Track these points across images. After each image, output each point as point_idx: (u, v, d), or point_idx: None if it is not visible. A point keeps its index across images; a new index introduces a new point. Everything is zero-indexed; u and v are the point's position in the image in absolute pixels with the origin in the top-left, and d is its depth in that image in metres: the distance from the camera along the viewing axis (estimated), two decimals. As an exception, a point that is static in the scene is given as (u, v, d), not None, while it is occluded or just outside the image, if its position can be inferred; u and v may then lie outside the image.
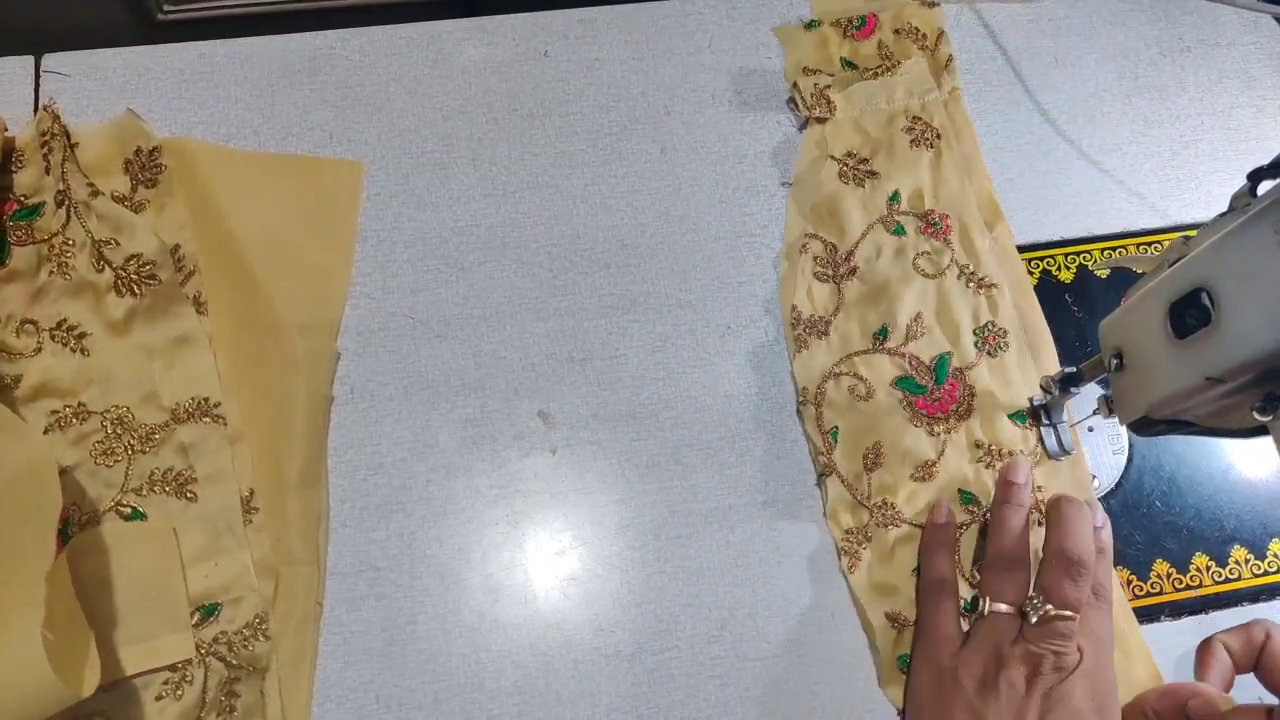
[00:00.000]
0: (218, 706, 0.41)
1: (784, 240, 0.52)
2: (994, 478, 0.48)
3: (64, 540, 0.42)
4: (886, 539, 0.47)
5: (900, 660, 0.45)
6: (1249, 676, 0.47)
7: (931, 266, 0.51)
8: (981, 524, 0.47)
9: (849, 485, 0.48)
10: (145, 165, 0.48)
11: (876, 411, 0.49)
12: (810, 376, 0.49)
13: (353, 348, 0.48)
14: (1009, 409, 0.49)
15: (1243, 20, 0.61)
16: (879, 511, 0.47)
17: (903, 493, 0.47)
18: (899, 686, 0.45)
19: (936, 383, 0.49)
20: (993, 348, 0.50)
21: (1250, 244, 0.34)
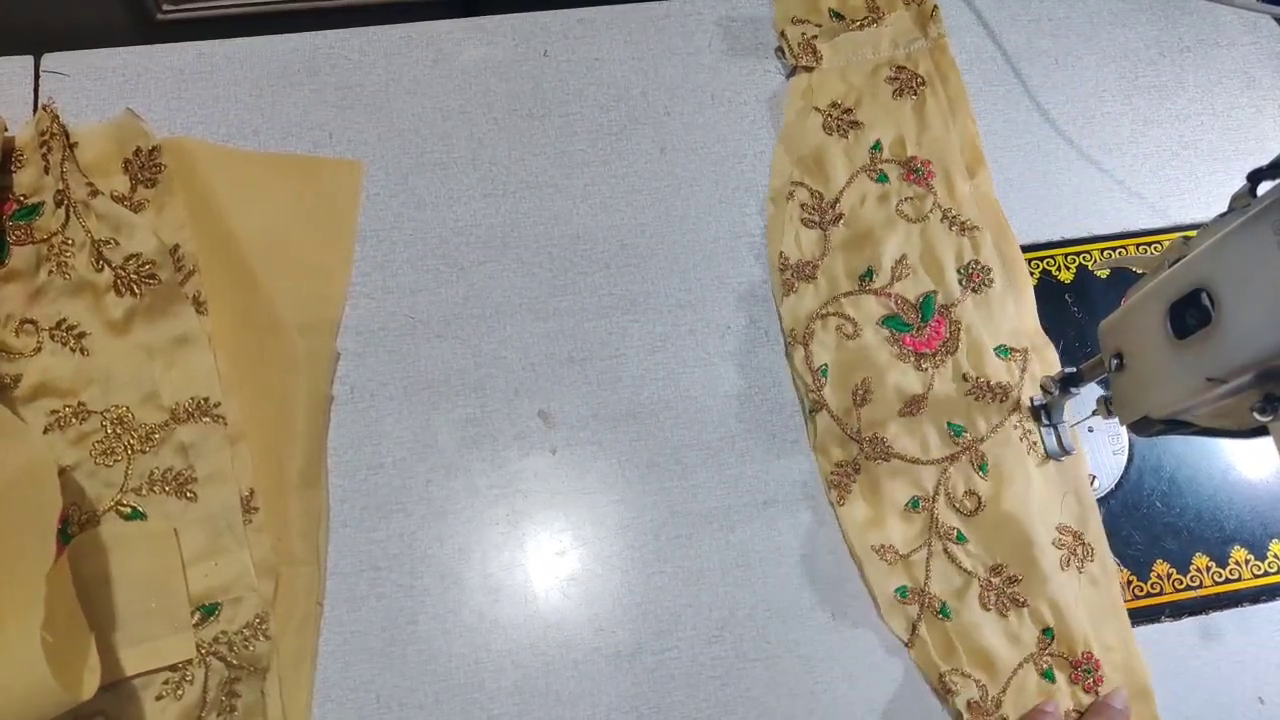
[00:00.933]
0: (218, 706, 0.41)
1: (770, 186, 0.53)
2: (982, 410, 0.49)
3: (64, 540, 0.42)
4: (876, 472, 0.47)
5: (900, 591, 0.46)
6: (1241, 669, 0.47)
7: (914, 211, 0.52)
8: (971, 458, 0.48)
9: (838, 420, 0.48)
10: (145, 165, 0.48)
11: (864, 349, 0.50)
12: (798, 318, 0.50)
13: (353, 348, 0.48)
14: (994, 343, 0.50)
15: (1242, 20, 0.61)
16: (869, 445, 0.48)
17: (892, 427, 0.48)
18: (901, 618, 0.46)
19: (923, 320, 0.50)
20: (977, 284, 0.51)
21: (1250, 244, 0.34)
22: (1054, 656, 0.46)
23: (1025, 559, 0.46)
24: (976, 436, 0.48)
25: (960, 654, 0.45)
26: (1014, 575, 0.46)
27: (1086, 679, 0.45)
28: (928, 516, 0.47)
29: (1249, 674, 0.47)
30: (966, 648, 0.45)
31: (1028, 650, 0.46)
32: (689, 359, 0.50)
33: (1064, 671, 0.46)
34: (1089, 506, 0.48)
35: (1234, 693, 0.47)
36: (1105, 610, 0.47)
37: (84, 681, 0.36)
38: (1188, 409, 0.39)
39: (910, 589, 0.46)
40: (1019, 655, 0.46)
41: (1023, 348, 0.50)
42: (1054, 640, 0.46)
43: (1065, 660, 0.46)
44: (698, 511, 0.47)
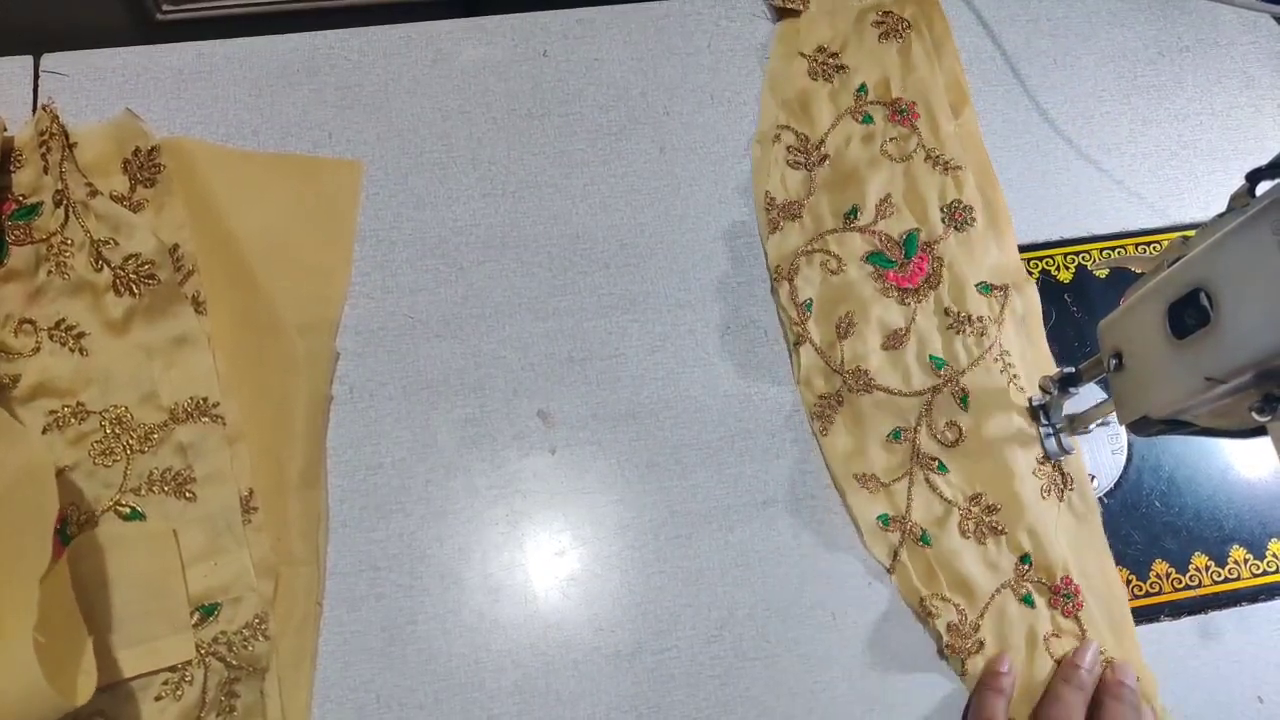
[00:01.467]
0: (218, 706, 0.41)
1: (757, 128, 0.54)
2: (963, 343, 0.50)
3: (63, 540, 0.42)
4: (858, 404, 0.48)
5: (881, 519, 0.47)
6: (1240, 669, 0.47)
7: (898, 151, 0.53)
8: (953, 390, 0.49)
9: (822, 352, 0.49)
10: (144, 165, 0.48)
11: (849, 284, 0.51)
12: (783, 254, 0.51)
13: (352, 348, 0.48)
14: (976, 279, 0.51)
15: (1242, 20, 0.61)
16: (851, 377, 0.49)
17: (874, 360, 0.49)
18: (883, 544, 0.47)
19: (906, 256, 0.51)
20: (959, 222, 0.52)
21: (1249, 244, 0.34)
22: (1033, 582, 0.47)
23: (1004, 488, 0.47)
24: (957, 369, 0.49)
25: (940, 580, 0.46)
26: (993, 504, 0.47)
27: (1066, 604, 0.46)
28: (909, 447, 0.48)
29: (1248, 674, 0.47)
30: (946, 574, 0.46)
31: (1005, 577, 0.47)
32: (689, 359, 0.50)
33: (1043, 596, 0.47)
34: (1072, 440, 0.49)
35: (1233, 692, 0.47)
36: (1085, 539, 0.48)
37: (79, 687, 0.36)
38: (1187, 409, 0.39)
39: (892, 517, 0.47)
40: (997, 581, 0.47)
41: (1003, 284, 0.51)
42: (1031, 567, 0.47)
43: (1045, 585, 0.47)
44: (697, 511, 0.47)
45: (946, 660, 0.46)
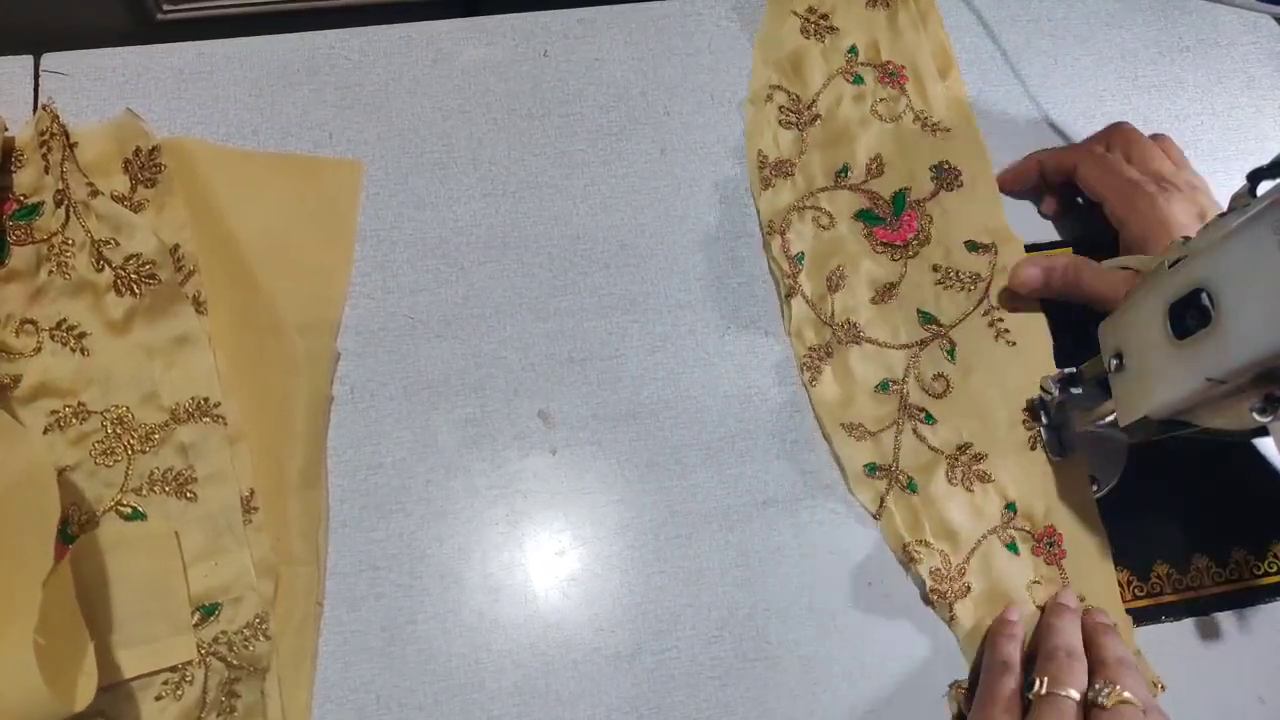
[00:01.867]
0: (218, 707, 0.41)
1: (749, 89, 0.55)
2: (951, 299, 0.51)
3: (64, 540, 0.42)
4: (848, 355, 0.50)
5: (868, 467, 0.48)
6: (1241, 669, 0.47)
7: (888, 112, 0.54)
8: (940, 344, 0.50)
9: (813, 305, 0.50)
10: (144, 165, 0.48)
11: (839, 239, 0.52)
12: (776, 210, 0.52)
13: (353, 348, 0.48)
14: (964, 237, 0.52)
15: (1242, 20, 0.61)
16: (841, 330, 0.50)
17: (864, 313, 0.50)
18: (870, 491, 0.48)
19: (895, 214, 0.52)
20: (947, 183, 0.53)
21: (1250, 244, 0.34)
22: (1017, 530, 0.48)
23: (991, 438, 0.49)
24: (946, 324, 0.50)
25: (925, 526, 0.47)
26: (980, 453, 0.48)
27: (1049, 552, 0.47)
28: (898, 398, 0.49)
29: (1248, 674, 0.47)
30: (931, 520, 0.47)
31: (991, 524, 0.48)
32: (689, 359, 0.50)
33: (1027, 544, 0.47)
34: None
35: (1233, 692, 0.47)
36: (1068, 488, 0.49)
37: (79, 691, 0.36)
38: (1187, 409, 0.39)
39: (879, 465, 0.48)
40: (982, 528, 0.47)
41: (991, 243, 0.52)
42: (1016, 514, 0.48)
43: (1029, 534, 0.48)
44: (697, 511, 0.47)
45: (932, 607, 0.46)
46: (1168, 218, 0.47)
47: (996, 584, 0.47)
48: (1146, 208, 0.48)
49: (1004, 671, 0.43)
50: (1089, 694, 0.40)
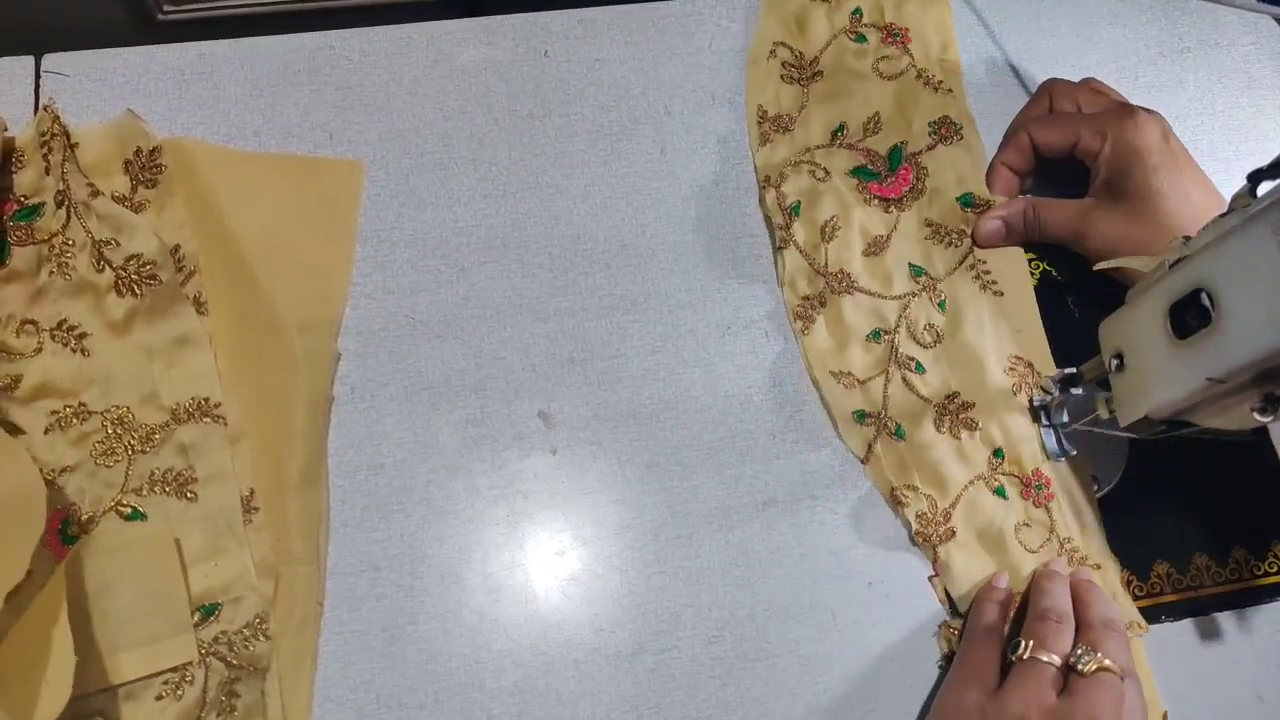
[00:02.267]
0: (218, 706, 0.41)
1: (751, 47, 0.55)
2: (941, 253, 0.52)
3: (64, 540, 0.42)
4: (840, 305, 0.50)
5: (857, 414, 0.48)
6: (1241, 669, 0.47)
7: (890, 69, 0.55)
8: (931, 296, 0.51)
9: (806, 254, 0.51)
10: (145, 165, 0.48)
11: (834, 191, 0.52)
12: (772, 165, 0.53)
13: (353, 348, 0.48)
14: (959, 192, 0.53)
15: (1242, 20, 0.61)
16: (834, 279, 0.50)
17: (856, 264, 0.51)
18: (858, 437, 0.49)
19: (890, 169, 0.53)
20: (945, 137, 0.54)
21: (1250, 244, 0.34)
22: (1005, 475, 0.48)
23: (979, 386, 0.49)
24: (936, 276, 0.51)
25: (912, 471, 0.48)
26: (968, 402, 0.49)
27: (1037, 495, 0.48)
28: (888, 347, 0.50)
29: (1249, 674, 0.47)
30: (919, 466, 0.48)
31: (978, 470, 0.48)
32: (689, 359, 0.50)
33: (1015, 488, 0.48)
34: (1040, 340, 0.51)
35: (1234, 693, 0.47)
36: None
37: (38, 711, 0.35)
38: (1188, 409, 0.39)
39: (868, 412, 0.49)
40: (969, 474, 0.48)
41: (985, 201, 0.53)
42: (1004, 460, 0.48)
43: (1016, 478, 0.48)
44: (698, 512, 0.47)
45: (918, 547, 0.47)
46: (1141, 138, 0.48)
47: (984, 528, 0.47)
48: (1118, 132, 0.49)
49: (986, 638, 0.43)
50: (1070, 658, 0.41)
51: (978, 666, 0.42)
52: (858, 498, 0.48)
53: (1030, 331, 0.51)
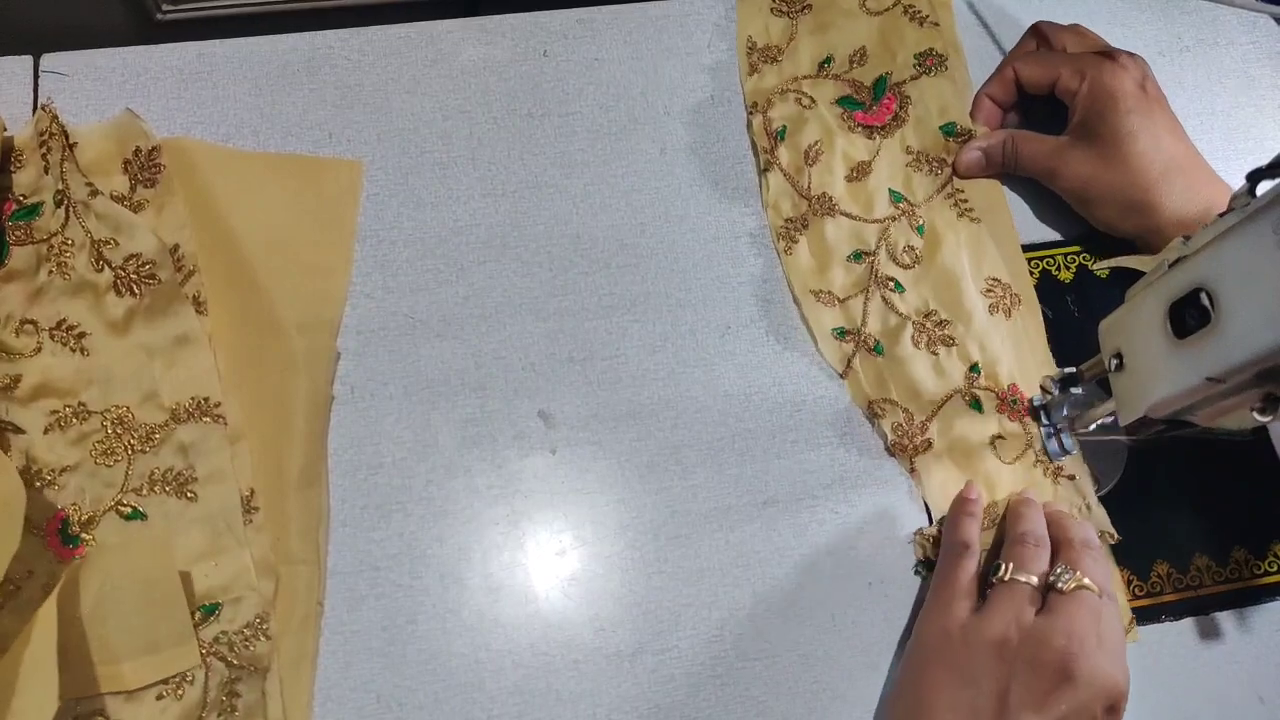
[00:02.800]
0: (219, 706, 0.41)
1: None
2: (921, 181, 0.53)
3: (64, 540, 0.42)
4: (822, 227, 0.52)
5: (837, 331, 0.50)
6: (1241, 669, 0.47)
7: (877, 4, 0.57)
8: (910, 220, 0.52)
9: (789, 177, 0.53)
10: (144, 165, 0.48)
11: (819, 117, 0.54)
12: (760, 92, 0.54)
13: (353, 347, 0.48)
14: (941, 121, 0.54)
15: (1242, 20, 0.61)
16: (817, 202, 0.52)
17: (839, 188, 0.52)
18: (837, 353, 0.50)
19: (874, 99, 0.55)
20: (930, 68, 0.55)
21: (1250, 244, 0.34)
22: (981, 389, 0.49)
23: (956, 305, 0.51)
24: (915, 202, 0.53)
25: (890, 385, 0.49)
26: (945, 319, 0.50)
27: (1012, 409, 0.49)
28: (868, 268, 0.51)
29: (1249, 674, 0.47)
30: (896, 380, 0.49)
31: (954, 384, 0.50)
32: (689, 359, 0.50)
33: (990, 402, 0.49)
34: (1019, 264, 0.53)
35: (1234, 693, 0.47)
36: (1030, 349, 0.51)
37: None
38: (1188, 409, 0.39)
39: (847, 329, 0.50)
40: (946, 388, 0.49)
41: (966, 130, 0.54)
42: (980, 375, 0.50)
43: (992, 393, 0.50)
44: (697, 511, 0.47)
45: (895, 458, 0.49)
46: (1117, 81, 0.50)
47: (959, 439, 0.48)
48: (1096, 73, 0.50)
49: (962, 553, 0.44)
50: (1049, 577, 0.42)
51: (956, 587, 0.43)
52: (858, 497, 0.48)
53: (1008, 256, 0.52)
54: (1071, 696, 0.38)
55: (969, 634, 0.41)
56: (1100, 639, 0.40)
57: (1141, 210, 0.49)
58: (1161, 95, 0.51)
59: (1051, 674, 0.39)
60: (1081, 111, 0.50)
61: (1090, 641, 0.39)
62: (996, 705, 0.39)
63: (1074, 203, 0.52)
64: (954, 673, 0.41)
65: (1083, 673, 0.39)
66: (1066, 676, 0.39)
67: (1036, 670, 0.39)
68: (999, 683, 0.39)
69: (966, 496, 0.47)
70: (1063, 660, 0.39)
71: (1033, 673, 0.39)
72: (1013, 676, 0.39)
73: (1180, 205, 0.49)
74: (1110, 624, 0.41)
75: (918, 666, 0.43)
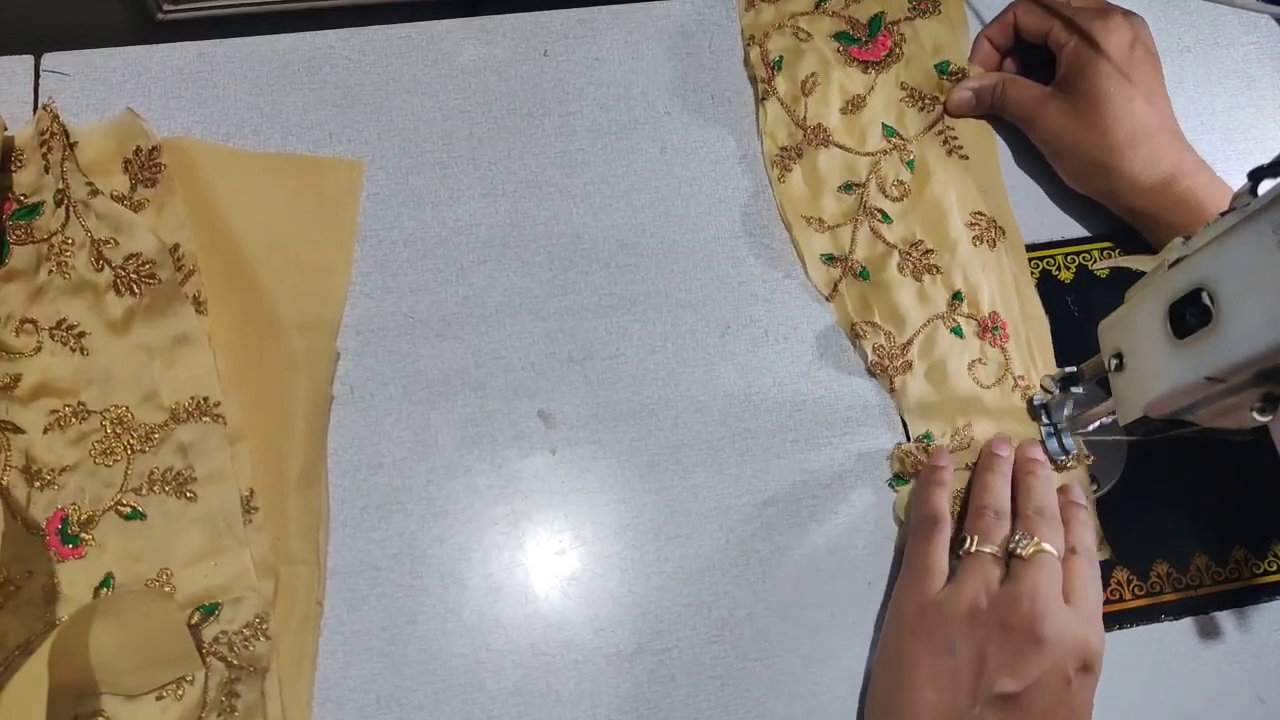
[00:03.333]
0: (219, 706, 0.41)
1: None
2: (913, 117, 0.55)
3: (63, 540, 0.42)
4: (816, 157, 0.53)
5: (824, 257, 0.52)
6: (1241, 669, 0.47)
7: None
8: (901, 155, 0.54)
9: (786, 106, 0.54)
10: (144, 165, 0.48)
11: (815, 50, 0.55)
12: (758, 26, 0.56)
13: (352, 347, 0.48)
14: (935, 59, 0.56)
15: (1243, 20, 0.61)
16: (811, 132, 0.54)
17: (833, 119, 0.54)
18: (824, 277, 0.52)
19: (870, 35, 0.56)
20: (924, 11, 0.57)
21: (1250, 244, 0.34)
22: (962, 316, 0.51)
23: (942, 236, 0.52)
24: (906, 137, 0.54)
25: (873, 308, 0.51)
26: (930, 248, 0.52)
27: (992, 336, 0.51)
28: (858, 199, 0.53)
29: (1249, 674, 0.47)
30: (879, 304, 0.51)
31: (937, 310, 0.51)
32: (689, 359, 0.50)
33: (971, 328, 0.51)
34: (1003, 201, 0.54)
35: (1234, 693, 0.47)
36: (1011, 279, 0.52)
37: None
38: (1188, 409, 0.39)
39: (835, 256, 0.52)
40: (928, 313, 0.51)
41: (960, 68, 0.56)
42: (963, 302, 0.51)
43: (974, 320, 0.51)
44: (697, 511, 0.47)
45: (875, 378, 0.50)
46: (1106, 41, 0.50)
47: (939, 362, 0.50)
48: (1088, 29, 0.51)
49: (932, 527, 0.45)
50: (1010, 545, 0.43)
51: (928, 562, 0.44)
52: (857, 497, 0.48)
53: (993, 192, 0.54)
54: (1042, 657, 0.40)
55: (943, 606, 0.42)
56: (1069, 599, 0.41)
57: (1103, 172, 0.51)
58: (1151, 58, 0.52)
59: (1021, 637, 0.40)
60: (1065, 66, 0.52)
61: (1054, 602, 0.41)
62: (975, 671, 0.40)
63: (1047, 154, 0.54)
64: (932, 644, 0.41)
65: (1050, 633, 0.40)
66: (1035, 639, 0.40)
67: (1007, 634, 0.40)
68: (975, 649, 0.40)
69: (935, 464, 0.47)
70: (1029, 623, 0.40)
71: (1004, 636, 0.40)
72: (987, 641, 0.40)
73: (1139, 172, 0.50)
74: (1083, 584, 0.42)
75: (895, 641, 0.43)
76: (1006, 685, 0.39)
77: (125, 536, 0.43)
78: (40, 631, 0.41)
